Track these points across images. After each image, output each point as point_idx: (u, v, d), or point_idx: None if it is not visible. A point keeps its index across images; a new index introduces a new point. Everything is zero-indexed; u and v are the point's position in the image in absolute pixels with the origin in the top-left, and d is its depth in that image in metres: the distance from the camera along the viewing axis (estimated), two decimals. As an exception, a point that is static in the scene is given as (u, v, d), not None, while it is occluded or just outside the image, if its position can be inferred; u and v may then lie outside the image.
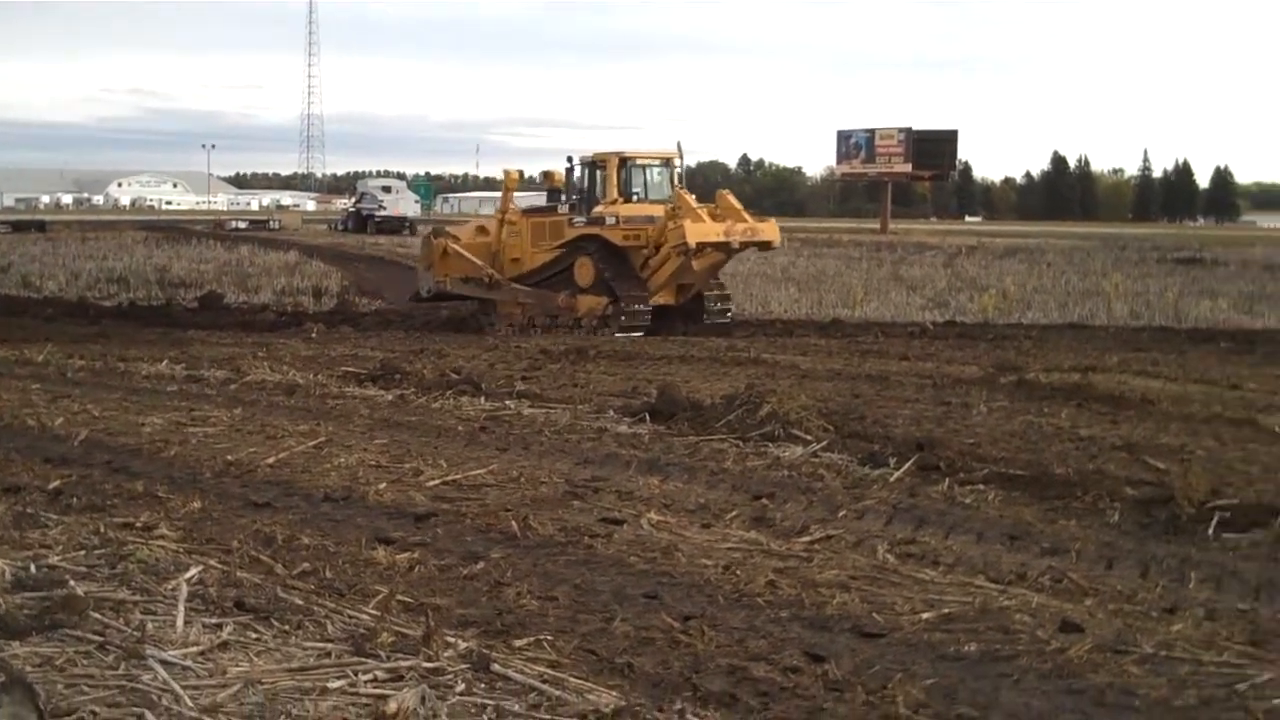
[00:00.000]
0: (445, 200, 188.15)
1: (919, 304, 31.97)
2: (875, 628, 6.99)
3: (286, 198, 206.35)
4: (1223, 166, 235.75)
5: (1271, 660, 6.55)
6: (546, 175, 31.91)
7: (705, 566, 8.12)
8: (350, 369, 17.56)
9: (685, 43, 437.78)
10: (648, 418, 13.37)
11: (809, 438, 12.12)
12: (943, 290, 36.49)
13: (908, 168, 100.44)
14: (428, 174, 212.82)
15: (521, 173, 31.26)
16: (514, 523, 9.04)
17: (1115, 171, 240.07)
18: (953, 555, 8.53)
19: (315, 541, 8.58)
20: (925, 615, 7.18)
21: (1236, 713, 5.87)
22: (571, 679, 6.06)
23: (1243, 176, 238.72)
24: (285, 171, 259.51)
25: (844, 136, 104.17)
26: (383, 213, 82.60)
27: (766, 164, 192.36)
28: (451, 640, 6.37)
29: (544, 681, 5.97)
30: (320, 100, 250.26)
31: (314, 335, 24.05)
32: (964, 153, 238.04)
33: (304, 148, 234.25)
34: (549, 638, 6.64)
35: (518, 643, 6.56)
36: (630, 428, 13.12)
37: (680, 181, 28.98)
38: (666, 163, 29.11)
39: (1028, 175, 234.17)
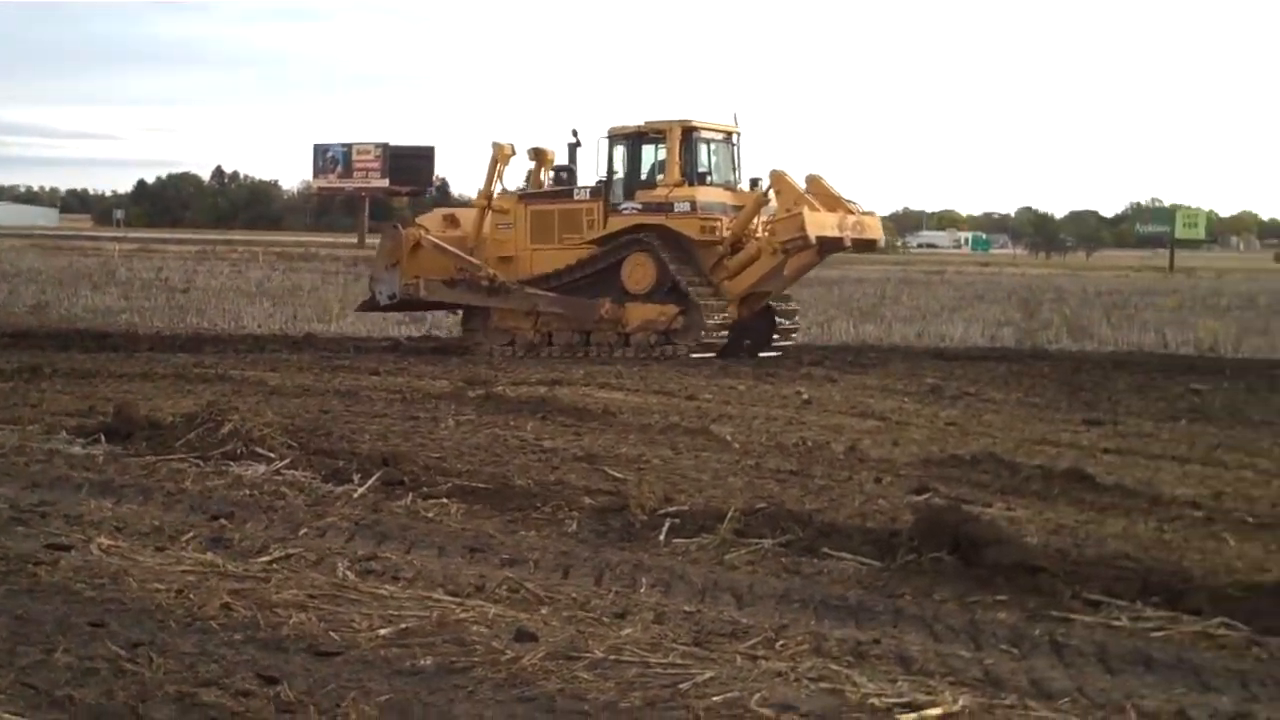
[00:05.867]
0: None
1: (396, 318, 31.92)
2: (332, 646, 6.90)
3: None
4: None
5: (714, 659, 6.81)
6: (537, 154, 25.57)
7: (157, 591, 7.82)
8: None
9: (155, 53, 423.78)
10: (103, 438, 12.79)
11: (272, 455, 11.88)
12: (419, 306, 36.58)
13: (385, 183, 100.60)
14: None
15: (513, 147, 25.45)
16: (-52, 553, 8.47)
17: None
18: (413, 570, 8.52)
19: None
20: (383, 631, 7.14)
21: (679, 711, 6.06)
22: (6, 715, 5.72)
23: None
24: None
25: (321, 150, 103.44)
26: None
27: (241, 176, 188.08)
28: None
29: (-28, 720, 5.62)
30: None
31: None
32: (441, 169, 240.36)
33: None
34: (-17, 673, 6.24)
35: (-54, 680, 6.13)
36: (84, 449, 12.52)
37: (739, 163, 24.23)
38: (728, 138, 24.35)
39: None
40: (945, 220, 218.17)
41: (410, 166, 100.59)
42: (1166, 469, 13.08)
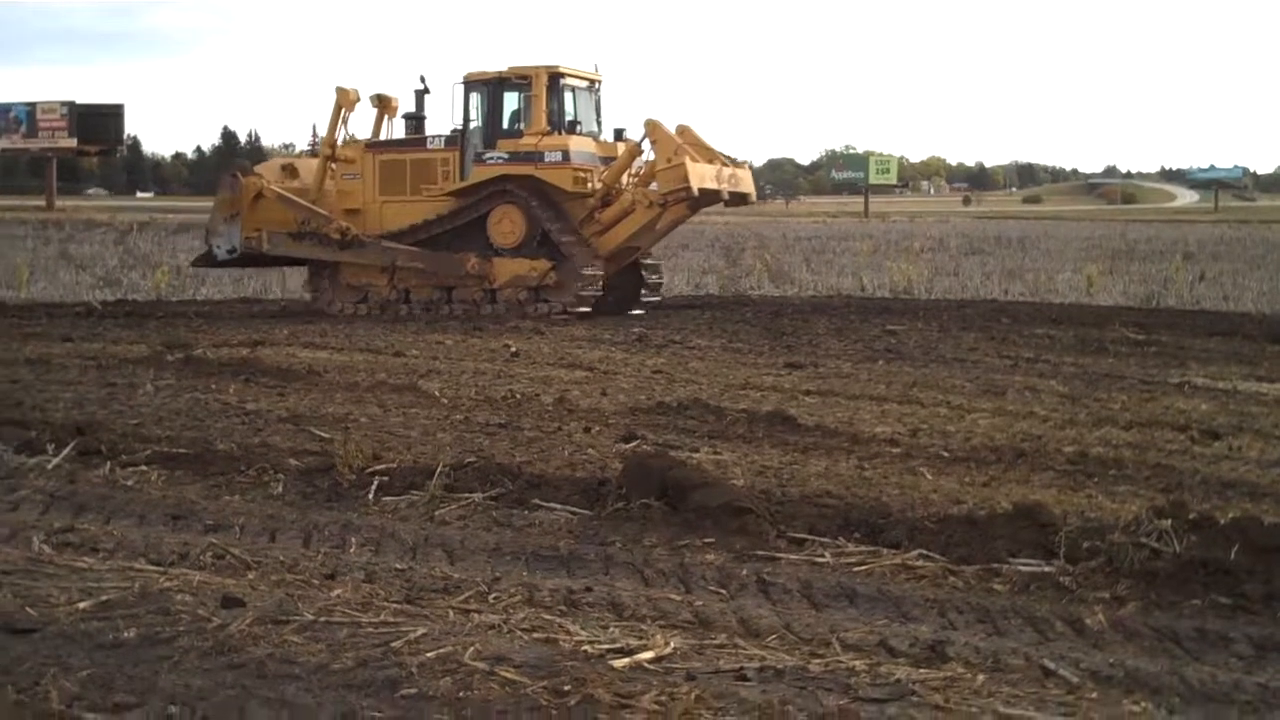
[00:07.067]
0: None
1: (89, 283, 30.86)
2: (28, 623, 6.62)
3: None
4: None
5: (426, 616, 6.78)
6: (381, 101, 23.60)
7: None
8: None
9: None
10: None
11: (-41, 429, 11.38)
12: (114, 268, 35.44)
13: (73, 143, 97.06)
14: None
15: (358, 93, 23.46)
16: None
17: (286, 146, 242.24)
18: (113, 540, 8.26)
19: None
20: (83, 605, 6.90)
21: (392, 669, 6.00)
22: None
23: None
24: None
25: (2, 111, 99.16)
26: None
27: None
28: None
29: None
30: None
31: None
32: (132, 127, 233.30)
33: None
34: None
35: None
36: None
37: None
38: (592, 86, 23.04)
39: (199, 150, 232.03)
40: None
41: (99, 125, 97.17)
42: (865, 408, 13.47)
